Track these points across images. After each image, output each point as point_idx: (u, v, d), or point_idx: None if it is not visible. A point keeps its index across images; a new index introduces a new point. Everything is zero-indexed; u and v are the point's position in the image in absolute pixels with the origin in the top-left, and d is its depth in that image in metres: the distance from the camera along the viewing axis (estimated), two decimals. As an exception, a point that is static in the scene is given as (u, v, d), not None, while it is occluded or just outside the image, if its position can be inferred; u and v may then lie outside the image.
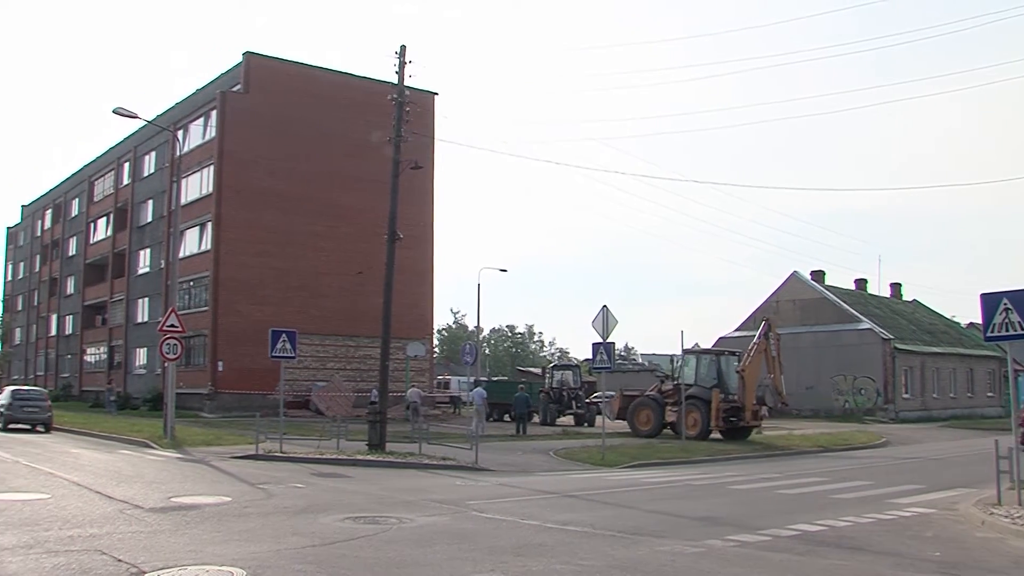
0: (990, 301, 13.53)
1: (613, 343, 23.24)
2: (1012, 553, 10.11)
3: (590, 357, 24.76)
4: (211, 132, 46.70)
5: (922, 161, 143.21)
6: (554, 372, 44.02)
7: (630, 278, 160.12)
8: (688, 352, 31.54)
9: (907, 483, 17.60)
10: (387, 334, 23.80)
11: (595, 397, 42.24)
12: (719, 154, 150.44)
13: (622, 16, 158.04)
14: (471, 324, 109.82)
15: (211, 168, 45.84)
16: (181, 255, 41.20)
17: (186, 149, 45.45)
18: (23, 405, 31.19)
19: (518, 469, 19.88)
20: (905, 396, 51.29)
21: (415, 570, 8.46)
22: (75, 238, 66.68)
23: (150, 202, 54.10)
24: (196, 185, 47.03)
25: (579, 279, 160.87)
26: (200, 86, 50.09)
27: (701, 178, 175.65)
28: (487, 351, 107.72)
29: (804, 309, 53.00)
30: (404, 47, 23.99)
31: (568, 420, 40.57)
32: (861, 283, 60.14)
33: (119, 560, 8.41)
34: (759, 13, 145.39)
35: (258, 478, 16.22)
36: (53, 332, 69.17)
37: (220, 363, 43.49)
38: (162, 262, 49.70)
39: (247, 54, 46.61)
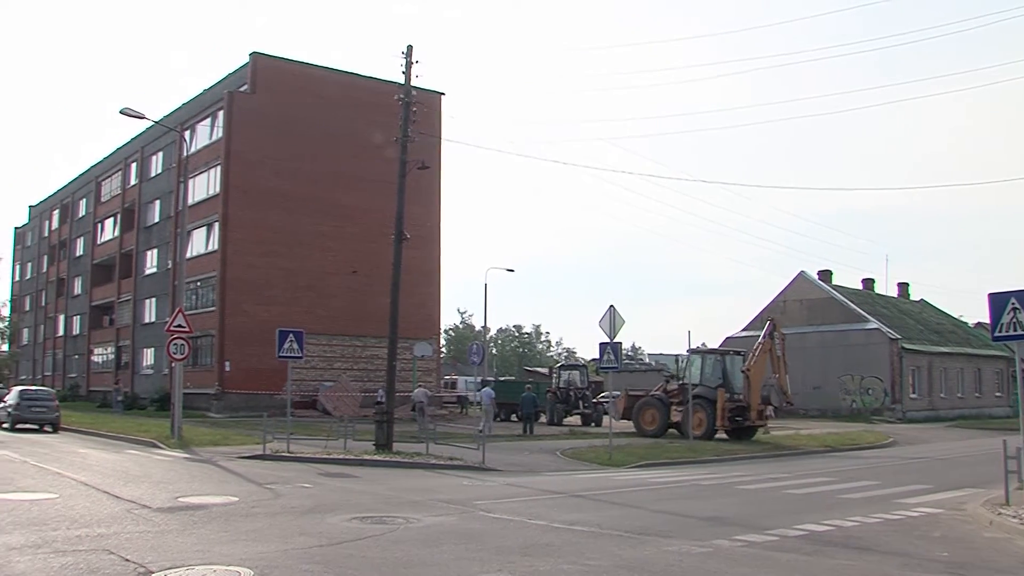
0: (998, 301, 13.49)
1: (620, 343, 23.21)
2: (1020, 553, 10.07)
3: (597, 357, 24.71)
4: (218, 132, 46.84)
5: (929, 161, 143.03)
6: (561, 372, 44.03)
7: (637, 278, 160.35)
8: (693, 352, 31.56)
9: (914, 483, 17.54)
10: (394, 334, 23.81)
11: (602, 397, 42.21)
12: (726, 154, 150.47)
13: (624, 16, 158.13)
14: (478, 324, 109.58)
15: (218, 168, 45.96)
16: (188, 255, 41.33)
17: (193, 149, 45.53)
18: (31, 405, 31.29)
19: (525, 469, 19.88)
20: (912, 396, 51.17)
21: (422, 570, 8.46)
22: (82, 238, 66.91)
23: (157, 202, 54.27)
24: (203, 185, 47.13)
25: (586, 279, 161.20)
26: (207, 86, 50.30)
27: (708, 178, 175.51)
28: (494, 351, 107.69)
29: (811, 309, 52.91)
30: (411, 47, 23.98)
31: (575, 420, 40.60)
32: (868, 283, 60.01)
33: (127, 560, 8.43)
34: (763, 13, 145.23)
35: (265, 478, 16.25)
36: (60, 332, 69.44)
37: (227, 363, 43.60)
38: (169, 262, 49.86)
39: (254, 54, 46.71)
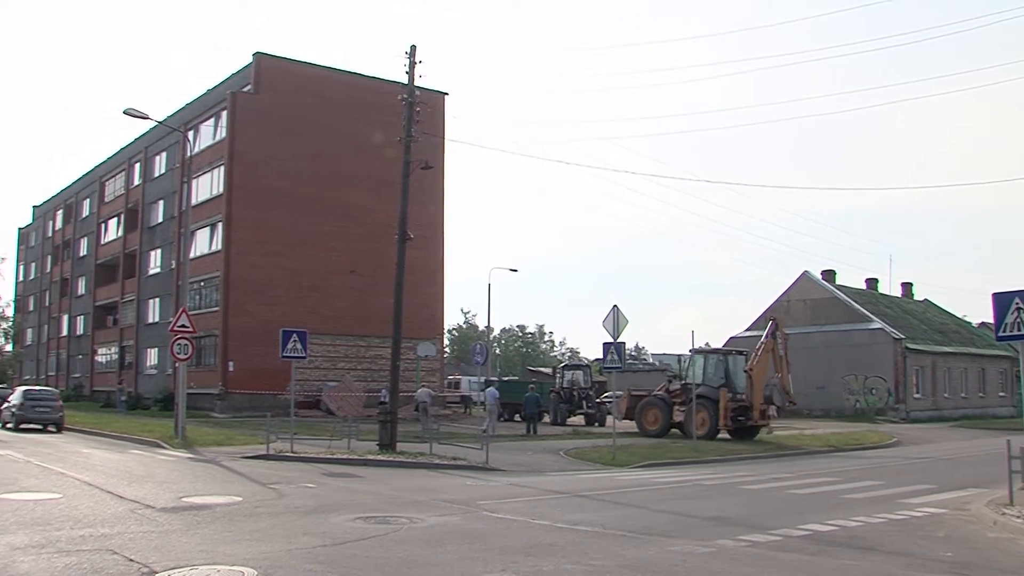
0: (1002, 300, 13.47)
1: (624, 343, 23.23)
2: (1025, 553, 10.06)
3: (601, 357, 24.69)
4: (221, 132, 46.87)
5: (933, 160, 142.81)
6: (565, 372, 44.03)
7: (641, 278, 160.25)
8: (696, 351, 31.56)
9: (918, 483, 17.53)
10: (398, 334, 23.82)
11: (605, 397, 42.20)
12: (729, 154, 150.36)
13: (624, 16, 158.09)
14: (482, 324, 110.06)
15: (221, 168, 46.00)
16: (192, 255, 41.32)
17: (196, 150, 45.58)
18: (35, 405, 31.36)
19: (529, 469, 19.87)
20: (916, 396, 51.10)
21: (426, 570, 8.46)
22: (86, 238, 66.99)
23: (161, 202, 54.31)
24: (206, 185, 47.20)
25: (590, 279, 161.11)
26: (210, 87, 50.30)
27: (711, 178, 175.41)
28: (498, 351, 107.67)
29: (815, 309, 52.87)
30: (414, 47, 23.94)
31: (579, 420, 40.57)
32: (872, 283, 59.95)
33: (131, 560, 8.44)
34: (764, 13, 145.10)
35: (269, 478, 16.26)
36: (64, 332, 69.51)
37: (231, 363, 43.63)
38: (173, 262, 49.93)
39: (257, 54, 46.72)
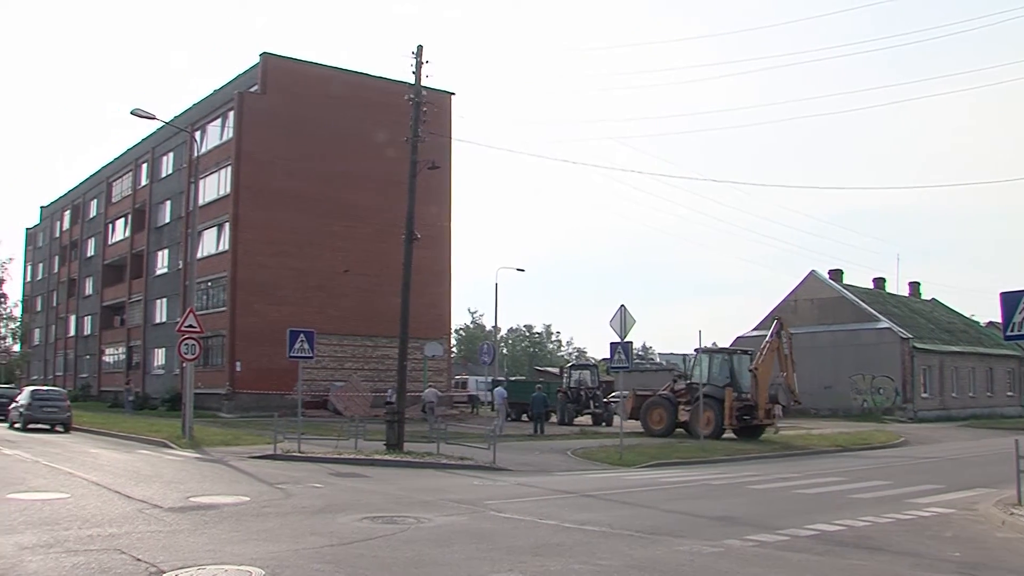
0: (1010, 300, 13.40)
1: (631, 342, 23.17)
2: (1034, 554, 10.02)
3: (608, 356, 24.67)
4: (228, 133, 46.94)
5: (939, 159, 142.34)
6: (572, 372, 44.01)
7: (648, 277, 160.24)
8: (701, 351, 31.52)
9: (926, 483, 17.47)
10: (405, 334, 23.83)
11: (613, 397, 42.18)
12: (736, 153, 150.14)
13: (624, 16, 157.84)
14: (489, 324, 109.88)
15: (228, 169, 46.07)
16: (199, 256, 41.47)
17: (204, 150, 45.70)
18: (43, 405, 31.42)
19: (536, 469, 19.87)
20: (924, 395, 50.95)
21: (433, 570, 8.46)
22: (93, 239, 67.19)
23: (168, 203, 54.46)
24: (213, 186, 47.29)
25: (597, 278, 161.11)
26: (217, 87, 50.42)
27: (718, 177, 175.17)
28: (505, 351, 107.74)
29: (822, 308, 52.74)
30: (421, 47, 23.95)
31: (586, 420, 40.57)
32: (879, 282, 59.76)
33: (138, 559, 8.45)
34: (765, 13, 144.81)
35: (276, 478, 16.28)
36: (72, 333, 69.72)
37: (238, 363, 43.72)
38: (180, 263, 50.02)
39: (264, 55, 46.79)
